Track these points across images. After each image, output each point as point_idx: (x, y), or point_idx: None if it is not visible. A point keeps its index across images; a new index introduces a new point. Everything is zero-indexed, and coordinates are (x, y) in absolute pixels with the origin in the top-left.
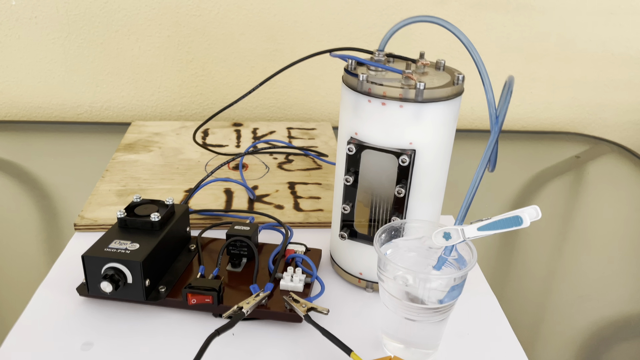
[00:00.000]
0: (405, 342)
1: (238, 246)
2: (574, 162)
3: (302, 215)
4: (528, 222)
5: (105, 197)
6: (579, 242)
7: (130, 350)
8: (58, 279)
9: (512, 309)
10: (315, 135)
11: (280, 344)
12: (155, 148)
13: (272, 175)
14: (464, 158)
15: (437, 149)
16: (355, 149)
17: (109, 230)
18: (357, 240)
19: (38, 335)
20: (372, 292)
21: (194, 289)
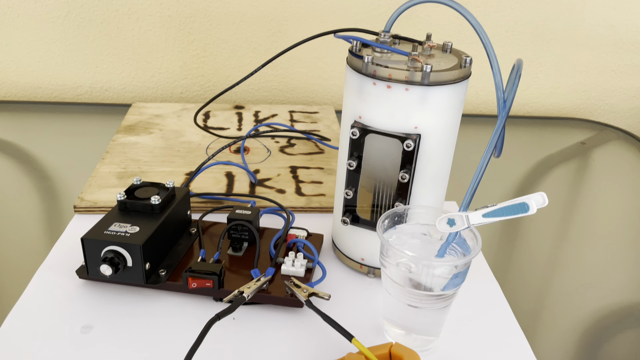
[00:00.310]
0: (407, 329)
1: (239, 230)
2: (580, 149)
3: (303, 200)
4: (535, 209)
5: (105, 179)
6: (583, 230)
7: (130, 333)
8: (57, 261)
9: (515, 296)
10: (317, 119)
11: (281, 329)
12: (155, 130)
13: (274, 159)
14: (468, 143)
15: (443, 134)
16: (359, 133)
17: (109, 213)
18: (359, 225)
19: (37, 317)
20: (373, 277)
21: (194, 273)
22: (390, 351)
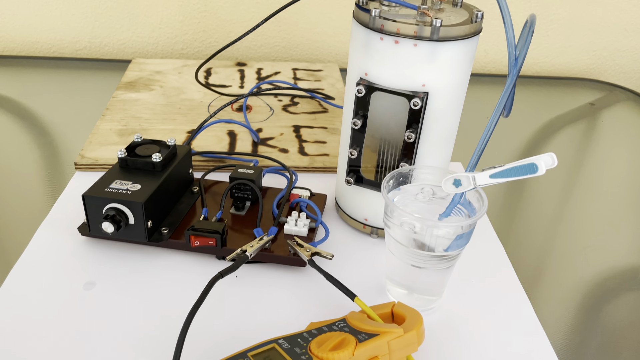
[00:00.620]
0: (410, 289)
1: (242, 189)
2: (588, 110)
3: (307, 160)
4: (543, 170)
5: (105, 136)
6: (589, 191)
7: (133, 290)
8: (59, 218)
9: (518, 257)
10: (321, 77)
11: (283, 288)
12: (156, 87)
13: (277, 118)
14: (474, 103)
15: (451, 92)
16: (365, 91)
17: (110, 170)
18: (363, 186)
19: (40, 274)
20: (376, 238)
21: (197, 231)
22: (392, 310)
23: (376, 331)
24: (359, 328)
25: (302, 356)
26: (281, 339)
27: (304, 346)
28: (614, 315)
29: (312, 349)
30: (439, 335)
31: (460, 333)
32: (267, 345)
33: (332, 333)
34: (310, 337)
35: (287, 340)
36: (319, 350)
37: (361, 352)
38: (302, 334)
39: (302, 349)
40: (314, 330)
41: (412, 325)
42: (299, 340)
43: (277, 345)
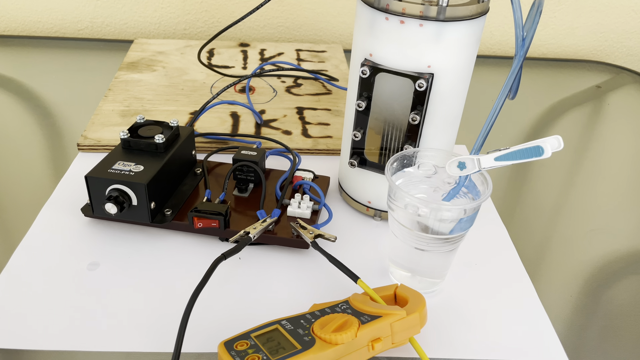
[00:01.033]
0: (413, 271)
1: (245, 171)
2: (594, 92)
3: (310, 142)
4: (549, 153)
5: (108, 117)
6: (595, 174)
7: (136, 271)
8: (62, 199)
9: (522, 240)
10: (325, 58)
11: (286, 270)
12: (159, 67)
13: (280, 100)
14: (479, 85)
15: (457, 74)
16: (369, 72)
17: (113, 151)
18: (366, 168)
19: (44, 254)
20: (380, 220)
21: (200, 213)
22: (395, 292)
23: (379, 313)
24: (362, 310)
25: (304, 337)
26: (284, 320)
27: (306, 327)
28: (617, 298)
29: (315, 330)
30: (442, 317)
31: (463, 315)
32: (270, 326)
33: (335, 315)
34: (314, 318)
35: (290, 321)
36: (322, 332)
37: (364, 333)
38: (305, 315)
39: (305, 330)
40: (317, 312)
41: (414, 307)
42: (302, 321)
43: (280, 327)
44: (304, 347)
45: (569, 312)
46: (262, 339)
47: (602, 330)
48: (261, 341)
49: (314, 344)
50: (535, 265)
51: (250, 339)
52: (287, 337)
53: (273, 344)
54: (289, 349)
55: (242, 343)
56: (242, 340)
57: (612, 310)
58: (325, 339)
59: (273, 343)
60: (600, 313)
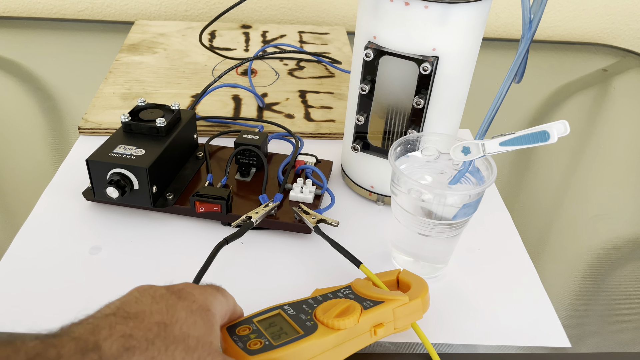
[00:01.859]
0: (415, 256)
1: (247, 155)
2: (601, 76)
3: (312, 126)
4: (555, 138)
5: (109, 100)
6: (599, 159)
7: (139, 255)
8: (64, 182)
9: (526, 225)
10: (328, 41)
11: (289, 254)
12: (160, 50)
13: (282, 83)
14: (483, 69)
15: (462, 57)
16: (373, 55)
17: (114, 135)
18: (369, 152)
19: (46, 238)
20: (382, 205)
21: (202, 197)
22: (397, 278)
23: (381, 298)
24: (364, 295)
25: (307, 322)
26: (286, 305)
27: (309, 312)
28: (620, 284)
29: (317, 315)
30: (444, 303)
31: (466, 301)
32: (272, 311)
33: (338, 300)
34: (316, 303)
35: (292, 306)
36: (325, 317)
37: (366, 318)
38: (308, 300)
39: (307, 315)
40: (319, 297)
41: (417, 293)
42: (304, 306)
43: (282, 312)
44: (306, 332)
45: (572, 297)
46: (264, 324)
47: (605, 316)
48: (263, 326)
49: (316, 329)
50: (539, 251)
51: (252, 324)
52: (289, 322)
53: (275, 329)
54: (291, 334)
55: (244, 328)
56: (244, 325)
57: (615, 295)
58: (328, 324)
59: (275, 328)
60: (602, 298)
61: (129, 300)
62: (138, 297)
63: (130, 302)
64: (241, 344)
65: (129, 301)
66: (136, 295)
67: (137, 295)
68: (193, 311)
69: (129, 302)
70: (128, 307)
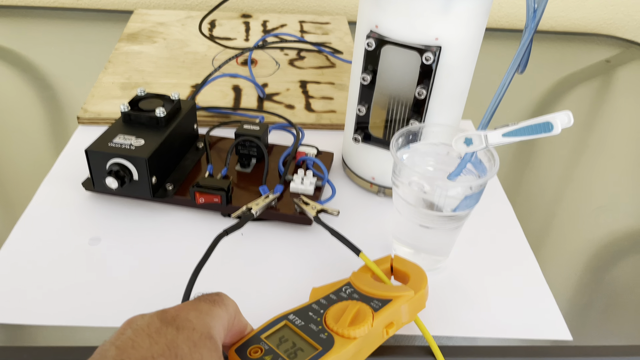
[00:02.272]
0: (416, 248)
1: (247, 146)
2: (604, 67)
3: (313, 116)
4: (559, 129)
5: (108, 89)
6: (602, 151)
7: (138, 246)
8: (63, 173)
9: (527, 217)
10: (329, 30)
11: (289, 246)
12: (159, 39)
13: (283, 73)
14: (484, 59)
15: (465, 47)
16: (375, 44)
17: (113, 125)
18: (371, 143)
19: (45, 228)
20: (384, 197)
21: (202, 188)
22: (392, 265)
23: (388, 296)
24: (369, 293)
25: (320, 334)
26: (291, 315)
27: (318, 321)
28: (622, 277)
29: (329, 325)
30: (445, 295)
31: (467, 293)
32: (278, 323)
33: (345, 303)
34: (322, 308)
35: (298, 315)
36: (338, 326)
37: (378, 321)
38: (311, 305)
39: (318, 325)
40: (323, 300)
41: (419, 284)
42: (310, 313)
43: (289, 323)
44: (324, 348)
45: (574, 290)
46: (274, 340)
47: (606, 309)
48: (274, 343)
49: (333, 342)
50: (540, 243)
51: (262, 342)
52: (300, 335)
53: (288, 345)
54: (309, 351)
55: (256, 349)
56: (254, 345)
57: (617, 288)
58: (343, 335)
59: (288, 344)
60: (604, 291)
61: (124, 346)
62: (134, 338)
63: (126, 347)
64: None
65: (125, 346)
66: (131, 337)
67: (132, 336)
68: (195, 343)
69: (125, 348)
70: (126, 356)
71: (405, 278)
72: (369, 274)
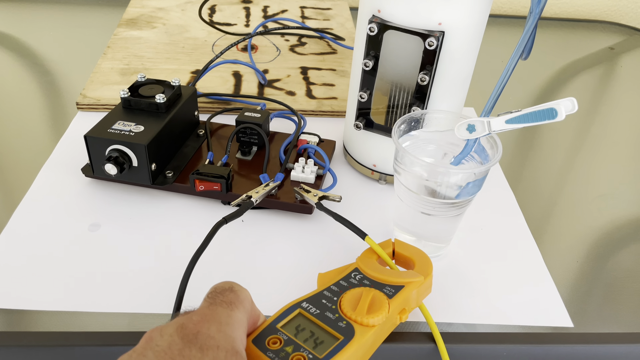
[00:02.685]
0: (418, 235)
1: (248, 134)
2: (607, 54)
3: (314, 103)
4: (563, 116)
5: (107, 75)
6: (604, 138)
7: (138, 233)
8: (62, 158)
9: (529, 205)
10: (330, 16)
11: (289, 234)
12: (159, 24)
13: (284, 59)
14: (488, 46)
15: (469, 33)
16: (377, 29)
17: (112, 111)
18: (372, 130)
19: (44, 214)
20: (385, 184)
21: (202, 176)
22: (394, 249)
23: (400, 282)
24: (380, 280)
25: (339, 323)
26: (304, 302)
27: (333, 309)
28: (623, 264)
29: (347, 313)
30: (447, 282)
31: (468, 280)
32: (292, 312)
33: (358, 290)
34: (334, 295)
35: (311, 302)
36: (356, 314)
37: (394, 308)
38: (323, 293)
39: (334, 313)
40: (334, 287)
41: (425, 269)
42: (324, 301)
43: (303, 311)
44: (346, 337)
45: (574, 277)
46: (290, 329)
47: (607, 296)
48: (291, 332)
49: (353, 330)
50: (542, 230)
51: (279, 332)
52: (318, 324)
53: (306, 334)
54: (330, 342)
55: (274, 339)
56: (272, 336)
57: (618, 276)
58: (362, 323)
59: (306, 333)
60: (605, 278)
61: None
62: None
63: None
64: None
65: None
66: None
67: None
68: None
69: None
70: None
71: (409, 263)
72: (374, 258)
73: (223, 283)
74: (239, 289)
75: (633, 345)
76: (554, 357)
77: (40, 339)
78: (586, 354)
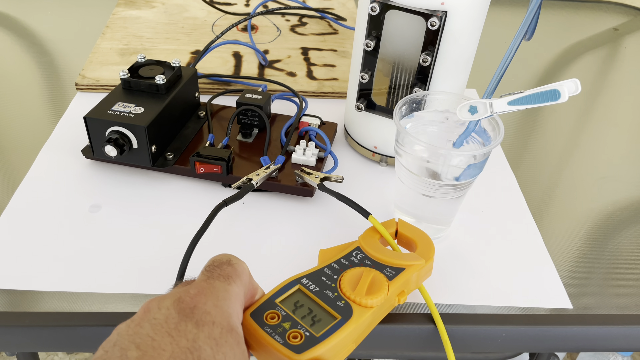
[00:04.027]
0: (418, 217)
1: (249, 115)
2: (611, 35)
3: (315, 84)
4: (566, 97)
5: (106, 55)
6: (607, 120)
7: (138, 214)
8: (62, 140)
9: (530, 187)
10: None
11: (290, 217)
12: (158, 4)
13: (284, 39)
14: (490, 27)
15: (471, 13)
16: (379, 9)
17: (112, 92)
18: (374, 112)
19: (45, 195)
20: (386, 166)
21: (202, 158)
22: (397, 230)
23: (401, 265)
24: (382, 260)
25: (337, 302)
26: (303, 278)
27: (333, 287)
28: (623, 246)
29: (346, 293)
30: (447, 263)
31: (468, 262)
32: (291, 287)
33: (359, 270)
34: (334, 273)
35: (310, 279)
36: (355, 294)
37: (393, 290)
38: (324, 270)
39: (333, 291)
40: (335, 265)
41: (427, 252)
42: (324, 279)
43: (302, 287)
44: (344, 317)
45: (575, 259)
46: (288, 304)
47: (607, 278)
48: (289, 308)
49: (351, 311)
50: (543, 212)
51: (278, 307)
52: (317, 301)
53: (304, 311)
54: (328, 320)
55: (272, 314)
56: (270, 311)
57: (618, 258)
58: (361, 303)
59: (303, 310)
60: (605, 261)
61: (145, 346)
62: (153, 337)
63: (147, 348)
64: (279, 338)
65: (146, 347)
66: (151, 336)
67: (152, 334)
68: (217, 341)
69: (146, 350)
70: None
71: (411, 244)
72: (376, 237)
73: (221, 256)
74: (237, 262)
75: (632, 327)
76: (553, 338)
77: (41, 319)
78: (585, 335)
